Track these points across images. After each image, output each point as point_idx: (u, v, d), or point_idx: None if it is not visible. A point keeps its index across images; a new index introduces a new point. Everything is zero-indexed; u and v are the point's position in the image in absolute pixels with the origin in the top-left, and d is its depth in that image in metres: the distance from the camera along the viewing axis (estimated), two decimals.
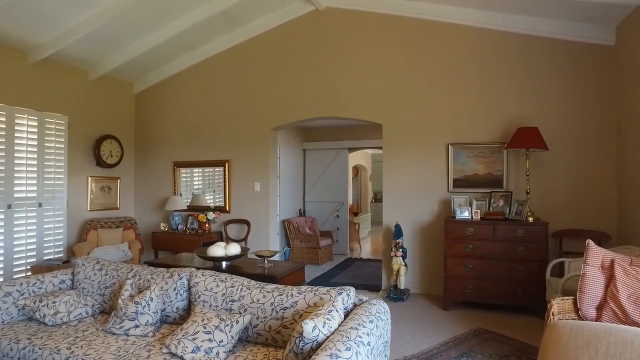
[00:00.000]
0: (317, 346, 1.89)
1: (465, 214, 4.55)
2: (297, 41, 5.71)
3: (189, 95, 6.46)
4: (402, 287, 4.95)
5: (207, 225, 5.89)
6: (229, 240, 5.91)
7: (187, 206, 6.25)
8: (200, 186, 6.47)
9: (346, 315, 2.26)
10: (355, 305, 2.41)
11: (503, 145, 4.72)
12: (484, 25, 4.84)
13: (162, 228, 6.11)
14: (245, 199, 6.02)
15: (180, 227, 6.06)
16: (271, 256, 3.81)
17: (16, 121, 5.19)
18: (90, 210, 6.13)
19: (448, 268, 4.47)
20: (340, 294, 2.33)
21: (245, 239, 5.85)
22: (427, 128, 5.10)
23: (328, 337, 1.90)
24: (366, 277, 6.24)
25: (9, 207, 5.10)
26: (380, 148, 8.51)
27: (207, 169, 6.39)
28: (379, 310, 2.28)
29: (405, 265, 4.96)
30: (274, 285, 2.58)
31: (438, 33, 5.04)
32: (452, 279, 4.45)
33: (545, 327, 2.33)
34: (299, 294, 2.44)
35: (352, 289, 2.43)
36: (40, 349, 2.45)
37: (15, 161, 5.17)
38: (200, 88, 6.37)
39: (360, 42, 5.37)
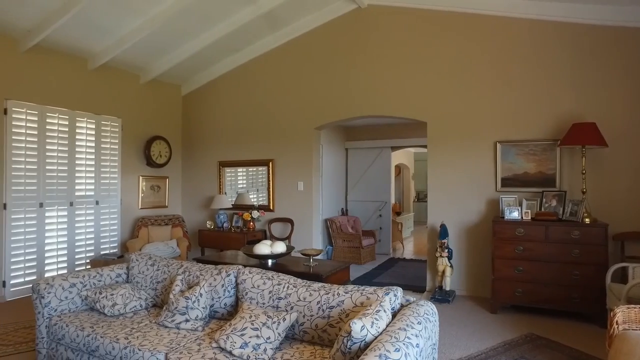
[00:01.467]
0: (365, 346, 1.88)
1: (515, 214, 4.37)
2: (339, 40, 5.70)
3: (234, 96, 6.62)
4: (448, 289, 4.83)
5: (251, 223, 6.01)
6: (273, 238, 6.01)
7: (232, 205, 6.41)
8: (244, 185, 6.62)
9: (393, 315, 2.23)
10: (402, 306, 2.38)
11: (556, 143, 4.49)
12: (535, 17, 4.62)
13: (208, 226, 6.29)
14: (289, 198, 6.09)
15: (225, 225, 6.22)
16: (316, 255, 3.83)
17: (77, 124, 5.53)
18: (141, 208, 6.42)
19: (496, 270, 4.31)
20: (387, 294, 2.30)
21: (288, 238, 5.92)
22: (474, 125, 4.94)
23: (376, 338, 1.88)
24: (410, 277, 6.13)
25: (71, 204, 5.44)
26: (424, 147, 8.43)
27: (250, 169, 6.52)
28: (427, 311, 2.23)
29: (451, 266, 4.83)
30: (320, 284, 2.58)
31: (485, 27, 4.86)
32: (500, 282, 4.29)
33: (608, 336, 2.19)
34: (346, 293, 2.43)
35: (400, 289, 2.40)
36: (101, 337, 2.59)
37: (76, 162, 5.51)
38: (244, 89, 6.51)
39: (403, 39, 5.29)
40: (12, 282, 4.89)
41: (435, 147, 5.17)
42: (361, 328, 1.87)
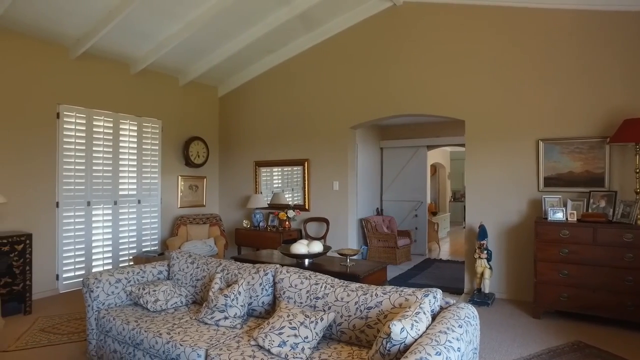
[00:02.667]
0: (405, 349, 1.85)
1: (559, 215, 4.19)
2: (374, 39, 5.65)
3: (269, 96, 6.70)
4: (487, 291, 4.69)
5: (287, 222, 6.06)
6: (308, 237, 6.04)
7: (268, 204, 6.50)
8: (280, 185, 6.69)
9: (433, 318, 2.18)
10: (441, 308, 2.33)
11: (605, 140, 4.26)
12: (579, 6, 4.40)
13: (245, 225, 6.40)
14: (324, 198, 6.10)
15: (261, 224, 6.31)
16: (353, 255, 3.82)
17: (120, 126, 5.77)
18: (180, 207, 6.62)
19: (539, 273, 4.14)
20: (426, 295, 2.26)
21: (324, 237, 5.93)
22: (514, 123, 4.77)
23: (416, 340, 1.85)
24: (446, 278, 6.01)
25: (115, 203, 5.68)
26: (460, 145, 8.23)
27: (285, 168, 6.58)
28: (468, 314, 2.17)
29: (490, 268, 4.69)
30: (357, 284, 2.57)
31: (525, 20, 4.68)
32: (543, 285, 4.12)
33: None
34: (384, 294, 2.41)
35: (439, 291, 2.35)
36: (145, 331, 2.69)
37: (120, 162, 5.75)
38: (280, 89, 6.57)
39: (440, 36, 5.18)
40: (64, 275, 5.17)
41: (474, 145, 5.04)
42: (401, 330, 1.84)
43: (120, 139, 5.77)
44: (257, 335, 2.43)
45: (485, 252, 4.66)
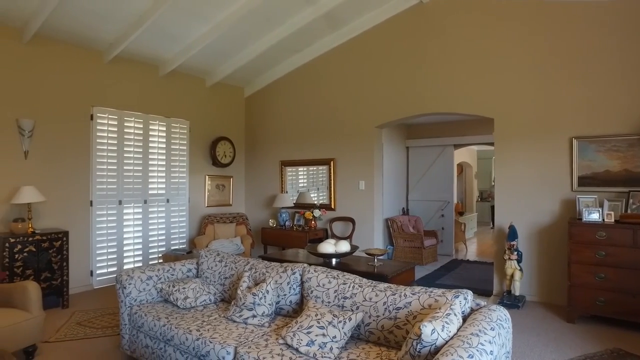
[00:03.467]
0: (436, 350, 1.82)
1: (595, 216, 4.03)
2: (400, 37, 5.59)
3: (294, 96, 6.73)
4: (517, 294, 4.57)
5: (313, 222, 6.08)
6: (334, 237, 6.03)
7: (294, 203, 6.52)
8: (305, 184, 6.71)
9: (463, 319, 2.14)
10: (472, 310, 2.28)
11: None
12: None
13: (271, 224, 6.45)
14: (350, 197, 6.09)
15: (287, 223, 6.35)
16: (381, 255, 3.79)
17: (150, 127, 5.91)
18: (207, 206, 6.73)
19: (573, 276, 4.01)
20: (457, 296, 2.22)
21: (350, 237, 5.91)
22: (546, 120, 4.63)
23: (447, 342, 1.82)
24: (474, 280, 5.89)
25: (145, 202, 5.83)
26: (488, 144, 8.05)
27: (311, 168, 6.59)
28: (500, 317, 2.12)
29: (521, 269, 4.57)
30: (386, 284, 2.55)
31: (556, 14, 4.53)
32: (578, 289, 3.98)
33: None
34: (413, 294, 2.38)
35: (470, 292, 2.30)
36: (176, 328, 2.74)
37: (149, 162, 5.89)
38: (305, 89, 6.59)
39: (467, 33, 5.07)
40: (98, 272, 5.34)
41: (503, 144, 4.92)
42: (432, 331, 1.81)
43: (150, 139, 5.91)
44: (285, 333, 2.44)
45: (516, 253, 4.54)
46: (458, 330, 1.94)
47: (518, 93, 4.78)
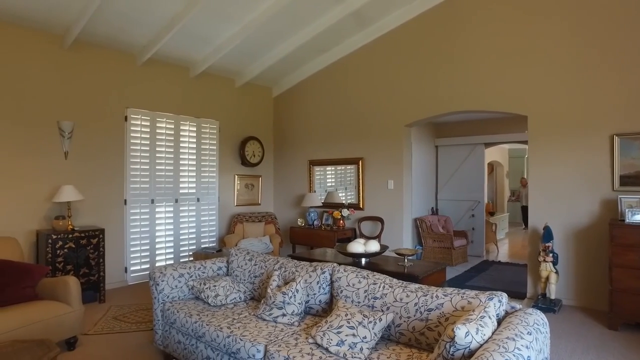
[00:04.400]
0: (470, 354, 1.78)
1: (639, 217, 3.84)
2: (428, 34, 5.50)
3: (323, 96, 6.73)
4: (553, 297, 4.42)
5: (341, 221, 6.06)
6: (362, 237, 6.00)
7: (322, 203, 6.53)
8: (333, 184, 6.70)
9: (498, 323, 2.08)
10: (507, 313, 2.22)
11: None
12: None
13: (300, 223, 6.48)
14: (379, 197, 6.04)
15: (316, 223, 6.35)
16: (411, 255, 3.74)
17: (181, 127, 6.04)
18: (236, 205, 6.82)
19: (615, 280, 3.83)
20: (491, 299, 2.16)
21: (378, 237, 5.86)
22: (584, 117, 4.44)
23: (482, 346, 1.77)
24: (506, 282, 5.73)
25: (176, 201, 5.96)
26: (520, 142, 7.82)
27: (339, 167, 6.58)
28: (537, 321, 2.05)
29: (556, 272, 4.41)
30: (417, 285, 2.51)
31: (596, 4, 4.33)
32: (621, 294, 3.80)
33: None
34: (445, 295, 2.33)
35: (504, 295, 2.24)
36: (207, 325, 2.79)
37: (180, 162, 6.02)
38: (333, 88, 6.58)
39: (499, 28, 4.93)
40: (131, 268, 5.50)
41: (537, 142, 4.75)
42: (465, 334, 1.77)
43: (181, 139, 6.04)
44: (315, 333, 2.44)
45: (551, 255, 4.39)
46: (493, 333, 1.89)
47: (553, 89, 4.61)
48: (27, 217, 4.62)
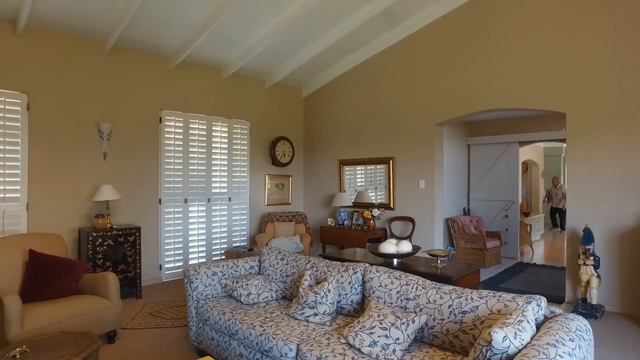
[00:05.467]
0: (507, 359, 1.73)
1: None
2: (460, 31, 5.39)
3: (352, 95, 6.71)
4: (594, 302, 4.24)
5: (371, 221, 6.03)
6: (393, 237, 5.95)
7: (352, 203, 6.51)
8: (363, 183, 6.67)
9: (537, 328, 2.02)
10: (546, 318, 2.15)
11: None
12: None
13: (330, 223, 6.48)
14: (410, 196, 5.97)
15: (346, 222, 6.34)
16: (445, 256, 3.68)
17: (213, 128, 6.16)
18: (267, 205, 6.90)
19: None
20: (529, 302, 2.10)
21: (409, 237, 5.80)
22: (628, 113, 4.23)
23: (520, 351, 1.73)
24: (543, 285, 5.54)
25: (209, 200, 6.09)
26: (557, 140, 7.54)
27: (369, 167, 6.54)
28: (580, 327, 1.97)
29: (598, 276, 4.23)
30: (450, 287, 2.47)
31: None
32: None
33: None
34: (480, 298, 2.28)
35: (543, 299, 2.17)
36: (240, 322, 2.83)
37: (212, 162, 6.14)
38: (363, 88, 6.55)
39: (534, 22, 4.77)
40: (166, 266, 5.66)
41: (577, 140, 4.57)
42: (503, 338, 1.72)
43: (213, 140, 6.16)
44: (347, 333, 2.44)
45: (592, 258, 4.21)
46: (532, 339, 1.84)
47: (594, 85, 4.42)
48: (70, 216, 4.83)
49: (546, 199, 12.22)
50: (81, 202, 4.91)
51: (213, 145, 6.17)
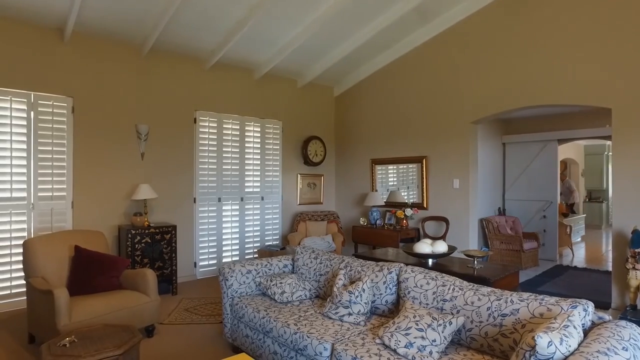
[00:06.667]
0: None
1: None
2: (496, 25, 5.23)
3: (385, 93, 6.65)
4: None
5: (404, 221, 5.96)
6: (426, 237, 5.86)
7: (385, 202, 6.46)
8: (395, 182, 6.60)
9: (584, 334, 1.93)
10: (593, 324, 2.05)
11: None
12: None
13: (362, 222, 6.45)
14: (443, 196, 5.86)
15: (378, 222, 6.29)
16: (482, 257, 3.59)
17: (246, 128, 6.25)
18: (299, 204, 6.94)
19: None
20: (575, 307, 2.01)
21: (443, 237, 5.69)
22: None
23: (567, 358, 1.66)
24: (585, 290, 5.32)
25: (242, 199, 6.18)
26: (600, 138, 7.21)
27: (401, 166, 6.46)
28: (634, 336, 1.86)
29: None
30: (489, 289, 2.40)
31: None
32: None
33: None
34: (521, 301, 2.21)
35: (591, 304, 2.07)
36: (274, 320, 2.86)
37: (245, 162, 6.23)
38: (395, 86, 6.48)
39: (576, 14, 4.56)
40: (200, 263, 5.79)
41: (624, 136, 4.34)
42: (548, 344, 1.66)
43: (246, 140, 6.25)
44: (382, 333, 2.42)
45: None
46: (579, 345, 1.76)
47: None
48: (110, 213, 5.02)
49: (587, 199, 11.71)
50: (120, 201, 5.09)
51: (246, 145, 6.26)
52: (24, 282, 4.39)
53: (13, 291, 4.39)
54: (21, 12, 4.28)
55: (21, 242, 4.38)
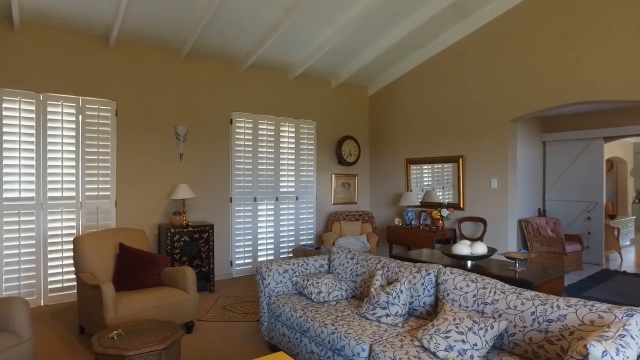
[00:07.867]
0: None
1: None
2: (536, 19, 5.04)
3: (420, 92, 6.55)
4: None
5: (440, 221, 5.85)
6: (463, 238, 5.73)
7: (420, 202, 6.37)
8: (430, 182, 6.49)
9: None
10: None
11: None
12: None
13: (397, 223, 6.38)
14: (480, 196, 5.71)
15: (413, 222, 6.20)
16: (524, 260, 3.48)
17: (280, 128, 6.32)
18: (333, 204, 6.95)
19: None
20: (631, 315, 1.91)
21: (481, 238, 5.55)
22: None
23: None
24: (635, 296, 5.04)
25: (277, 199, 6.26)
26: None
27: (436, 166, 6.35)
28: None
29: None
30: (533, 293, 2.32)
31: None
32: None
33: None
34: (568, 306, 2.12)
35: None
36: (311, 320, 2.87)
37: (280, 162, 6.30)
38: (431, 84, 6.37)
39: (621, 3, 4.33)
40: (236, 262, 5.90)
41: None
42: (603, 353, 1.58)
43: (281, 140, 6.32)
44: (421, 336, 2.39)
45: None
46: (638, 357, 1.67)
47: None
48: (151, 212, 5.20)
49: (636, 200, 11.11)
50: (160, 200, 5.27)
51: (281, 145, 6.32)
52: (74, 276, 4.62)
53: (65, 284, 4.64)
54: (70, 23, 4.51)
55: (71, 238, 4.62)
